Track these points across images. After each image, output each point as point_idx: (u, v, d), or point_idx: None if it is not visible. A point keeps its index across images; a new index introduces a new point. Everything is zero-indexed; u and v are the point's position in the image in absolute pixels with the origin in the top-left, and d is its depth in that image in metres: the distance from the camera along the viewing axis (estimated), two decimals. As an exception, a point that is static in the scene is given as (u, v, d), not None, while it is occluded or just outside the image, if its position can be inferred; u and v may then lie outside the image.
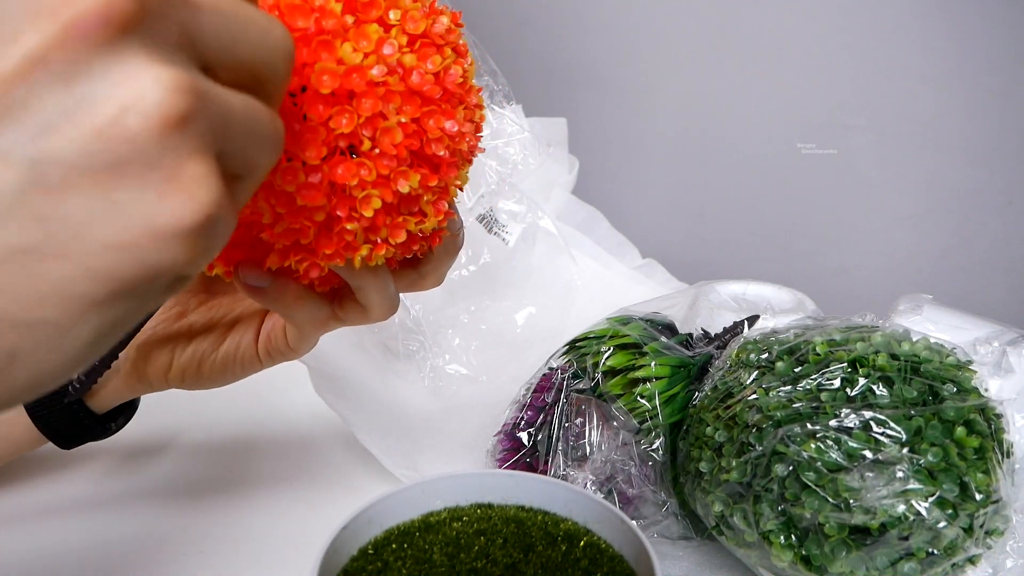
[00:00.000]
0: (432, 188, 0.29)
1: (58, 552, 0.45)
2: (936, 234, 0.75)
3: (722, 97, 0.84)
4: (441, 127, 0.28)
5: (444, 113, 0.28)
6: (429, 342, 0.60)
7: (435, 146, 0.28)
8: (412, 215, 0.29)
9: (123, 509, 0.49)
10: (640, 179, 0.93)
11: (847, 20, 0.74)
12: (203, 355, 0.41)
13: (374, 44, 0.26)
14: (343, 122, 0.26)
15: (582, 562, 0.34)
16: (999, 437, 0.38)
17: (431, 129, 0.28)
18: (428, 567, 0.33)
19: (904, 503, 0.35)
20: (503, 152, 0.63)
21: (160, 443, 0.55)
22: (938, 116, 0.72)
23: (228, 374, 0.41)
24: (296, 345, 0.39)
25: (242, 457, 0.55)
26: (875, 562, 0.36)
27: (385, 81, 0.26)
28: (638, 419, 0.45)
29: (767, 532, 0.38)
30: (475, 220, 0.61)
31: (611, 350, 0.47)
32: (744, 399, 0.41)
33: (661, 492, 0.45)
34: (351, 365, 0.58)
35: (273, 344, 0.40)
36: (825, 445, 0.37)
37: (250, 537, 0.47)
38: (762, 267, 0.86)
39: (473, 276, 0.62)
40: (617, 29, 0.90)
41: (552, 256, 0.67)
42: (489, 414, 0.53)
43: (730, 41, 0.82)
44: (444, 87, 0.28)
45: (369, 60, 0.26)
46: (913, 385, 0.38)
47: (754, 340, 0.44)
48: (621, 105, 0.92)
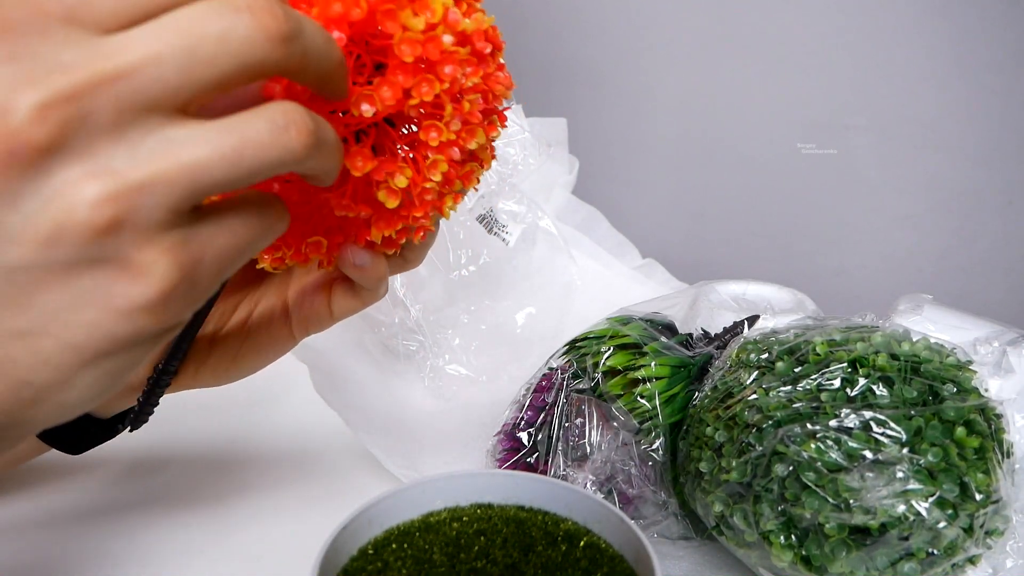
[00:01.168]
0: (492, 138, 0.32)
1: (58, 552, 0.45)
2: (936, 234, 0.75)
3: (722, 97, 0.84)
4: (500, 83, 0.30)
5: (500, 68, 0.31)
6: (429, 342, 0.60)
7: (498, 102, 0.31)
8: (475, 162, 0.32)
9: (123, 509, 0.49)
10: (640, 179, 0.93)
11: (847, 20, 0.74)
12: (235, 349, 0.41)
13: (440, 13, 0.27)
14: (424, 90, 0.27)
15: (582, 562, 0.34)
16: (999, 437, 0.38)
17: (495, 87, 0.30)
18: (428, 567, 0.33)
19: (904, 503, 0.35)
20: (503, 152, 0.63)
21: (160, 443, 0.55)
22: (938, 116, 0.72)
23: (262, 359, 0.42)
24: (344, 312, 0.40)
25: (242, 457, 0.55)
26: (875, 562, 0.36)
27: (456, 49, 0.27)
28: (638, 419, 0.45)
29: (767, 532, 0.38)
30: (475, 220, 0.61)
31: (611, 350, 0.47)
32: (744, 399, 0.41)
33: (661, 492, 0.45)
34: (351, 365, 0.58)
35: (310, 316, 0.40)
36: (825, 445, 0.37)
37: (250, 537, 0.47)
38: (762, 267, 0.86)
39: (473, 276, 0.62)
40: (617, 29, 0.90)
41: (552, 256, 0.67)
42: (489, 414, 0.53)
43: (730, 41, 0.82)
44: (493, 43, 0.30)
45: (440, 28, 0.27)
46: (913, 385, 0.38)
47: (754, 340, 0.44)
48: (621, 105, 0.92)
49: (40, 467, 0.51)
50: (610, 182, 0.95)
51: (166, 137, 0.22)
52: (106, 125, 0.21)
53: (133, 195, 0.21)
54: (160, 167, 0.22)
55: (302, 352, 0.56)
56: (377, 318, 0.59)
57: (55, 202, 0.21)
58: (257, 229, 0.25)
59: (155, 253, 0.22)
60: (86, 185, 0.21)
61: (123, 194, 0.21)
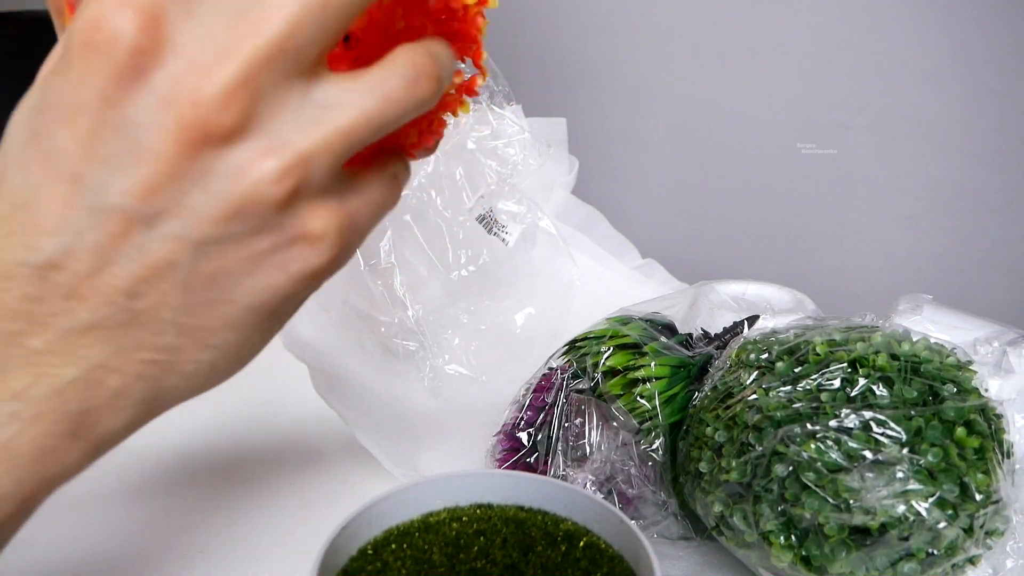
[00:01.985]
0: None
1: (56, 552, 0.45)
2: (936, 234, 0.74)
3: (722, 97, 0.84)
4: None
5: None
6: (429, 342, 0.60)
7: None
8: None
9: (123, 509, 0.49)
10: (640, 179, 0.93)
11: (847, 20, 0.74)
12: None
13: None
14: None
15: (582, 562, 0.34)
16: (999, 437, 0.38)
17: None
18: (427, 567, 0.33)
19: (904, 503, 0.35)
20: (503, 152, 0.63)
21: (159, 443, 0.55)
22: (938, 116, 0.71)
23: None
24: None
25: (242, 457, 0.55)
26: (875, 562, 0.36)
27: None
28: (638, 419, 0.45)
29: (767, 532, 0.38)
30: (475, 220, 0.61)
31: (611, 350, 0.47)
32: (744, 399, 0.41)
33: (661, 492, 0.45)
34: (351, 365, 0.58)
35: None
36: (825, 445, 0.37)
37: (250, 537, 0.47)
38: (762, 267, 0.86)
39: (473, 276, 0.62)
40: (617, 29, 0.90)
41: (552, 256, 0.67)
42: (489, 414, 0.53)
43: (730, 41, 0.82)
44: None
45: None
46: (913, 385, 0.38)
47: (754, 340, 0.44)
48: (621, 105, 0.92)
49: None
50: (610, 182, 0.95)
51: (318, 103, 0.23)
52: (273, 99, 0.23)
53: (305, 165, 0.23)
54: (322, 134, 0.23)
55: (302, 352, 0.56)
56: (377, 318, 0.59)
57: (239, 179, 0.23)
58: (393, 188, 0.28)
59: (324, 218, 0.24)
60: (265, 161, 0.23)
61: (297, 165, 0.23)
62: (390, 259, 0.58)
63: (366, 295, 0.59)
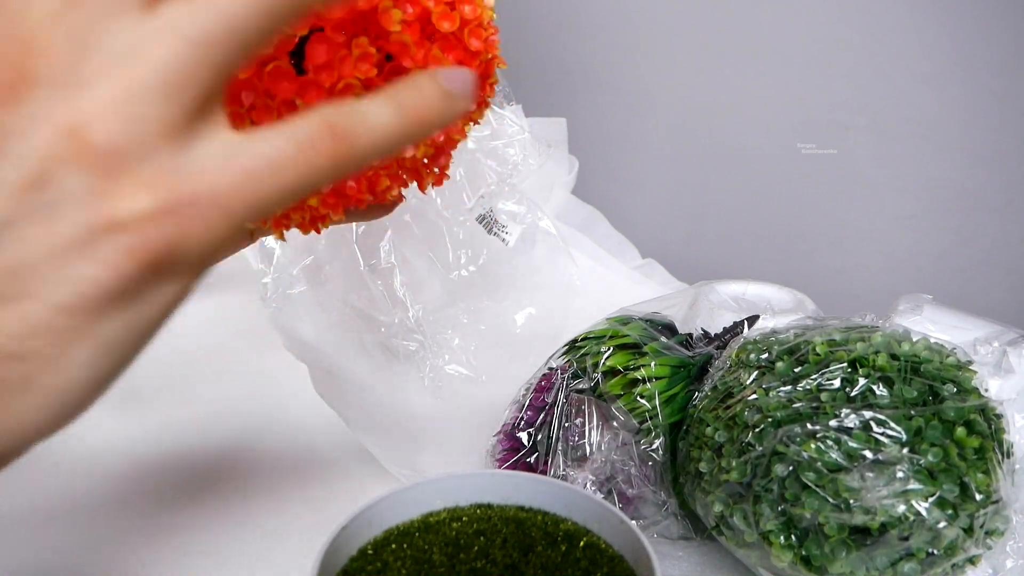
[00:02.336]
0: None
1: (56, 553, 0.45)
2: (936, 234, 0.74)
3: (722, 97, 0.84)
4: None
5: None
6: (429, 342, 0.60)
7: None
8: None
9: (122, 509, 0.49)
10: (640, 179, 0.93)
11: (847, 20, 0.74)
12: None
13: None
14: None
15: (582, 562, 0.34)
16: (999, 437, 0.38)
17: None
18: (427, 567, 0.33)
19: (904, 503, 0.35)
20: (503, 153, 0.63)
21: (159, 443, 0.55)
22: (938, 116, 0.71)
23: None
24: None
25: (242, 457, 0.55)
26: (875, 562, 0.36)
27: None
28: (638, 419, 0.45)
29: (767, 532, 0.38)
30: (475, 220, 0.61)
31: (611, 350, 0.47)
32: (744, 399, 0.41)
33: (661, 492, 0.45)
34: (351, 365, 0.58)
35: None
36: (825, 445, 0.37)
37: (250, 537, 0.47)
38: (762, 267, 0.86)
39: (473, 276, 0.62)
40: (617, 30, 0.90)
41: (552, 256, 0.67)
42: (489, 414, 0.53)
43: (730, 41, 0.82)
44: None
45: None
46: (913, 385, 0.38)
47: (754, 340, 0.44)
48: (621, 105, 0.92)
49: (39, 467, 0.51)
50: (610, 182, 0.94)
51: (151, 26, 0.20)
52: (95, 34, 0.20)
53: (130, 103, 0.20)
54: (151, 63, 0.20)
55: (302, 352, 0.56)
56: (377, 318, 0.59)
57: (42, 135, 0.19)
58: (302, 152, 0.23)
59: (150, 190, 0.20)
60: (76, 106, 0.19)
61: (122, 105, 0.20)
62: (390, 259, 0.58)
63: (366, 295, 0.59)
